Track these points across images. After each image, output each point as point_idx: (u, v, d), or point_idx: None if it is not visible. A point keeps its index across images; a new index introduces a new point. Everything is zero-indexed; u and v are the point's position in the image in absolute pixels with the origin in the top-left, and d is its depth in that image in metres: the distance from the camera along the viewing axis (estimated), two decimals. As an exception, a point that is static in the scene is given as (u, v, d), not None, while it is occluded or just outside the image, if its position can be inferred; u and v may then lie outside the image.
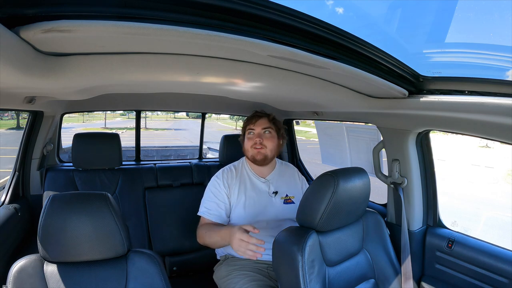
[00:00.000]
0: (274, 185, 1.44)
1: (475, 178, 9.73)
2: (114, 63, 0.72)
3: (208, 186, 1.44)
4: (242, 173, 1.44)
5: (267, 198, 1.41)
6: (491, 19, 0.94)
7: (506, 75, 0.81)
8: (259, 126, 1.41)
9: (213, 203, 1.36)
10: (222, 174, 1.43)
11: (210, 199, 1.38)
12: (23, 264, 0.85)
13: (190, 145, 9.47)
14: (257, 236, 1.29)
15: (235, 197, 1.38)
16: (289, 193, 1.45)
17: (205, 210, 1.36)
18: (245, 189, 1.40)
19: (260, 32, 0.61)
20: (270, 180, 1.45)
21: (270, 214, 1.38)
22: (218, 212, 1.35)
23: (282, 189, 1.45)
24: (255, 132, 1.41)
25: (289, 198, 1.44)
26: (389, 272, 1.17)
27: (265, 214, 1.38)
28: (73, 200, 0.87)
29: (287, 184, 1.47)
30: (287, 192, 1.45)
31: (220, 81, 0.91)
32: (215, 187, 1.40)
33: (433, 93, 0.92)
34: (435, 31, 1.14)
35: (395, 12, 1.19)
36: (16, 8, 0.47)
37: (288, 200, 1.43)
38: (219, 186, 1.39)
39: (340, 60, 0.74)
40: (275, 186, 1.44)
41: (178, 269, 1.74)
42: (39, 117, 1.59)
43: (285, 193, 1.45)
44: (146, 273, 0.92)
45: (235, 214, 1.37)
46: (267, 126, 1.41)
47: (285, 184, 1.47)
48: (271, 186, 1.43)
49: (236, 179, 1.41)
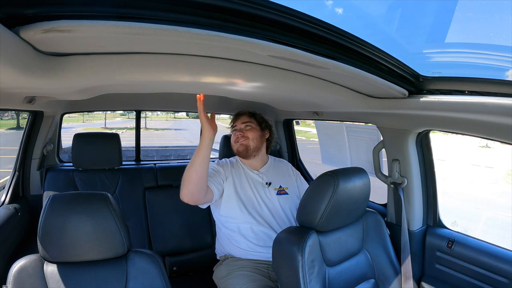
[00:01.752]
0: (267, 177, 1.48)
1: (475, 178, 9.72)
2: (114, 63, 0.72)
3: None
4: (237, 165, 1.50)
5: (261, 188, 1.44)
6: (491, 19, 0.94)
7: (506, 75, 0.82)
8: (240, 122, 1.50)
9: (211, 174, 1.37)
10: (219, 162, 1.49)
11: None
12: (23, 264, 0.85)
13: (190, 145, 9.47)
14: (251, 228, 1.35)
15: (230, 183, 1.40)
16: (282, 185, 1.48)
17: None
18: (239, 176, 1.44)
19: (260, 32, 0.61)
20: (264, 173, 1.49)
21: (264, 204, 1.41)
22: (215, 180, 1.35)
23: (275, 180, 1.48)
24: (237, 128, 1.50)
25: (283, 189, 1.47)
26: (389, 272, 1.17)
27: (259, 203, 1.41)
28: (73, 200, 0.87)
29: (280, 177, 1.51)
30: (281, 184, 1.48)
31: (220, 81, 0.91)
32: (213, 168, 1.42)
33: (433, 93, 0.92)
34: (435, 31, 1.14)
35: (395, 12, 1.19)
36: (16, 8, 0.46)
37: (282, 191, 1.46)
38: (217, 168, 1.42)
39: (340, 60, 0.74)
40: (268, 178, 1.48)
41: (178, 269, 1.74)
42: (39, 117, 1.59)
43: (279, 184, 1.48)
44: (146, 273, 0.92)
45: (227, 199, 1.38)
46: (247, 120, 1.50)
47: (278, 176, 1.51)
48: (264, 177, 1.47)
49: (231, 168, 1.46)
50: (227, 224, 1.39)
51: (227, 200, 1.38)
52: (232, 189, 1.40)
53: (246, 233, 1.35)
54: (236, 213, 1.37)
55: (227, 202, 1.38)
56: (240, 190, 1.41)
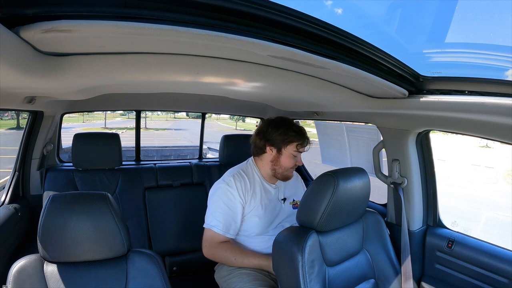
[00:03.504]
0: (282, 191, 1.42)
1: (475, 178, 9.73)
2: (114, 63, 0.72)
3: (217, 193, 1.31)
4: (255, 179, 1.36)
5: (278, 204, 1.39)
6: (491, 19, 0.94)
7: (506, 75, 0.81)
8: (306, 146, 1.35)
9: (229, 217, 1.27)
10: (234, 182, 1.30)
11: (224, 212, 1.27)
12: (23, 264, 0.85)
13: (190, 145, 9.49)
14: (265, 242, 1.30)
15: (251, 207, 1.31)
16: (295, 198, 1.45)
17: (220, 225, 1.26)
18: (260, 197, 1.33)
19: (260, 32, 0.61)
20: (279, 186, 1.41)
21: (281, 220, 1.38)
22: (234, 227, 1.28)
23: (289, 194, 1.44)
24: (301, 152, 1.34)
25: (296, 202, 1.44)
26: (389, 272, 1.17)
27: (278, 220, 1.37)
28: (73, 200, 0.87)
29: (292, 189, 1.46)
30: (294, 197, 1.45)
31: (220, 81, 0.91)
32: (228, 197, 1.28)
33: (433, 93, 0.92)
34: (435, 31, 1.13)
35: (395, 12, 1.19)
36: (16, 8, 0.46)
37: (296, 204, 1.43)
38: (233, 197, 1.28)
39: (340, 60, 0.74)
40: (283, 192, 1.42)
41: (178, 269, 1.74)
42: (39, 117, 1.59)
43: (292, 198, 1.44)
44: (146, 273, 0.92)
45: (250, 223, 1.32)
46: None
47: (291, 189, 1.46)
48: (279, 192, 1.41)
49: (250, 189, 1.32)
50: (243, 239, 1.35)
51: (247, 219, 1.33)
52: (254, 210, 1.32)
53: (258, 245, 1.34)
54: (256, 230, 1.33)
55: (246, 221, 1.32)
56: (263, 212, 1.32)
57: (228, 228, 1.27)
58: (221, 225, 1.26)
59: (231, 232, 1.28)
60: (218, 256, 1.28)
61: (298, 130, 1.32)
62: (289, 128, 1.31)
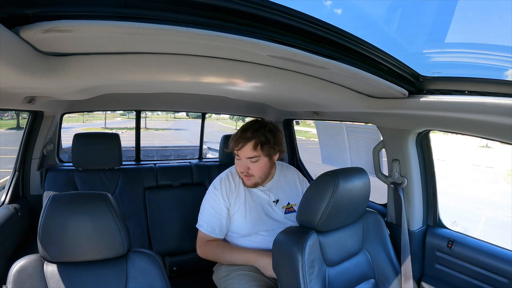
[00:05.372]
0: (274, 194, 1.39)
1: (475, 178, 9.73)
2: (114, 63, 0.72)
3: (206, 197, 1.39)
4: (240, 182, 1.38)
5: (267, 207, 1.37)
6: (491, 19, 0.94)
7: (506, 75, 0.82)
8: (244, 155, 1.28)
9: (214, 218, 1.33)
10: (220, 185, 1.35)
11: (210, 214, 1.34)
12: (23, 264, 0.85)
13: (190, 145, 9.49)
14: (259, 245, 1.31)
15: (235, 208, 1.34)
16: (290, 201, 1.41)
17: (206, 225, 1.33)
18: (244, 199, 1.35)
19: (260, 32, 0.61)
20: (270, 189, 1.39)
21: (271, 223, 1.35)
22: (220, 227, 1.33)
23: (283, 197, 1.40)
24: (241, 159, 1.30)
25: (291, 206, 1.40)
26: (389, 272, 1.17)
27: (266, 223, 1.35)
28: (73, 200, 0.87)
29: (288, 191, 1.42)
30: (289, 200, 1.40)
31: (220, 81, 0.91)
32: (214, 200, 1.35)
33: (433, 93, 0.92)
34: (435, 31, 1.13)
35: (395, 12, 1.19)
36: (16, 8, 0.46)
37: (290, 208, 1.39)
38: (218, 199, 1.34)
39: (340, 60, 0.74)
40: (275, 195, 1.39)
41: (178, 269, 1.74)
42: (39, 117, 1.59)
43: (286, 201, 1.40)
44: (146, 273, 0.92)
45: (235, 224, 1.35)
46: (252, 156, 1.26)
47: (286, 191, 1.41)
48: (271, 194, 1.38)
49: (235, 190, 1.35)
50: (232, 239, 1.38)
51: (233, 221, 1.35)
52: (238, 211, 1.34)
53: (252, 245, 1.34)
54: (242, 231, 1.35)
55: (233, 223, 1.35)
56: (247, 213, 1.34)
57: (214, 228, 1.33)
58: (206, 225, 1.34)
59: (217, 232, 1.34)
60: (208, 253, 1.34)
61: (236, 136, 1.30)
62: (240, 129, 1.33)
